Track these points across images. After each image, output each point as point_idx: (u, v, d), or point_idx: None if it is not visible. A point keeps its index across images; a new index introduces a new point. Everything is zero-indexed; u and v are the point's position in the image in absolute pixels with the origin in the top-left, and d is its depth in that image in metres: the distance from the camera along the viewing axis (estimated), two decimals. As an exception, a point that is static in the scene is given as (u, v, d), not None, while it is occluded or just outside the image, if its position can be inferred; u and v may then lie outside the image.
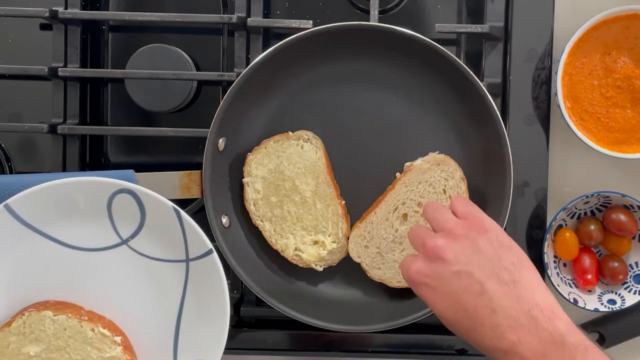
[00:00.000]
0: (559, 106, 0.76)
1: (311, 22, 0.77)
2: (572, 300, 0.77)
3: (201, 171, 0.75)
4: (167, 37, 0.83)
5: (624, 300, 0.78)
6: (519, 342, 0.56)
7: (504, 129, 0.73)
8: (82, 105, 0.82)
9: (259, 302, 0.80)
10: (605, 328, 0.80)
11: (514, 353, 0.56)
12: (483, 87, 0.73)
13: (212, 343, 0.72)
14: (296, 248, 0.78)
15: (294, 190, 0.77)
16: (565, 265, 0.81)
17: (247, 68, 0.74)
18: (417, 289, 0.63)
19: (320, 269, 0.78)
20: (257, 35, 0.80)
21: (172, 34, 0.83)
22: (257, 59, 0.74)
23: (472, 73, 0.73)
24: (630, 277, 0.80)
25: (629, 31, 0.76)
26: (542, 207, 0.79)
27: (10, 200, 0.69)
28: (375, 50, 0.77)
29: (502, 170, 0.74)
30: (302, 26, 0.77)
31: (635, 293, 0.79)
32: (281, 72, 0.77)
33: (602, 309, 0.78)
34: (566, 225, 0.80)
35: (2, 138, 0.84)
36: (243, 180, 0.78)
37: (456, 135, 0.78)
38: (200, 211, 0.79)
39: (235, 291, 0.81)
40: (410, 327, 0.75)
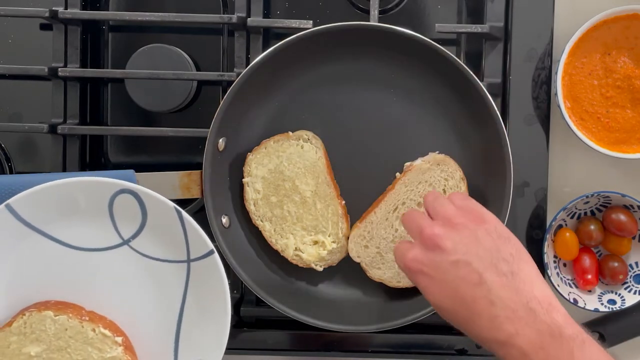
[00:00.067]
0: (559, 106, 0.76)
1: (311, 22, 0.77)
2: (572, 300, 0.77)
3: (201, 171, 0.75)
4: (167, 37, 0.83)
5: (624, 300, 0.78)
6: (516, 333, 0.56)
7: (504, 129, 0.73)
8: (82, 105, 0.82)
9: (259, 302, 0.80)
10: (605, 328, 0.80)
11: (511, 345, 0.56)
12: (483, 87, 0.73)
13: (213, 343, 0.72)
14: (296, 248, 0.78)
15: (294, 190, 0.77)
16: (565, 265, 0.81)
17: (247, 68, 0.74)
18: (413, 277, 0.62)
19: (320, 269, 0.78)
20: (257, 35, 0.80)
21: (172, 34, 0.83)
22: (257, 59, 0.74)
23: (472, 73, 0.73)
24: (630, 277, 0.80)
25: (629, 31, 0.76)
26: (542, 207, 0.79)
27: (12, 200, 0.69)
28: (375, 50, 0.77)
29: (502, 170, 0.74)
30: (302, 26, 0.77)
31: (635, 293, 0.79)
32: (281, 72, 0.77)
33: (602, 309, 0.78)
34: (566, 225, 0.80)
35: (2, 138, 0.84)
36: (243, 180, 0.78)
37: (456, 135, 0.78)
38: (200, 211, 0.79)
39: (235, 291, 0.81)
40: (410, 327, 0.75)
